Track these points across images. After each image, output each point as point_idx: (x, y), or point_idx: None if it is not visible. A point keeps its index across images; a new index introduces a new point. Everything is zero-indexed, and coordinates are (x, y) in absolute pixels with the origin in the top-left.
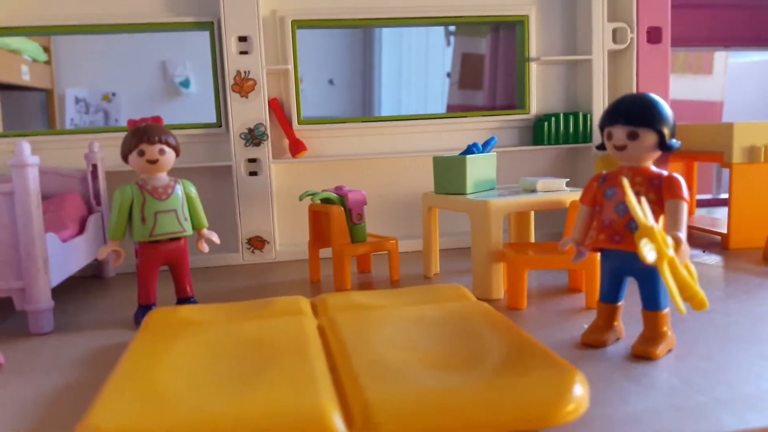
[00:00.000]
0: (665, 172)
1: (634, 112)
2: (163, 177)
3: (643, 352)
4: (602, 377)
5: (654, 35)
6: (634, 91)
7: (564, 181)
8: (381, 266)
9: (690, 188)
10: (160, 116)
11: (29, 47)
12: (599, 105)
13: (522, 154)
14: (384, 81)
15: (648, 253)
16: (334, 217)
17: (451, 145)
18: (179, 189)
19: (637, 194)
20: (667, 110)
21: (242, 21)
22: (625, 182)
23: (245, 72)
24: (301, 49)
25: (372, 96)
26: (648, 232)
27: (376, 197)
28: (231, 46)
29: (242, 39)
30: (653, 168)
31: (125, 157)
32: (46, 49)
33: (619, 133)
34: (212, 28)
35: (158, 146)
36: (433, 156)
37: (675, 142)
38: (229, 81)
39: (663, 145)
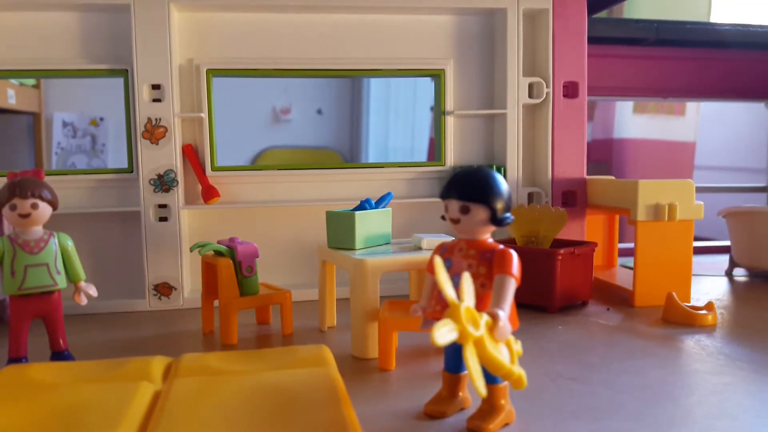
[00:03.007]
0: (500, 246)
1: (466, 188)
2: (36, 230)
3: (475, 427)
4: None
5: (570, 90)
6: (549, 144)
7: (450, 239)
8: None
9: (610, 243)
10: (42, 169)
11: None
12: (513, 158)
13: (436, 206)
14: (372, 115)
15: (441, 336)
16: (222, 270)
17: (369, 194)
18: (54, 242)
19: (469, 267)
20: (501, 186)
21: (155, 69)
22: (437, 260)
23: (156, 119)
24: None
25: (360, 129)
26: (453, 312)
27: (289, 243)
28: (143, 93)
29: (155, 87)
30: (489, 240)
31: None
32: None
33: (453, 206)
34: (126, 75)
35: (30, 200)
36: (326, 211)
37: (507, 216)
38: (140, 128)
39: (495, 220)
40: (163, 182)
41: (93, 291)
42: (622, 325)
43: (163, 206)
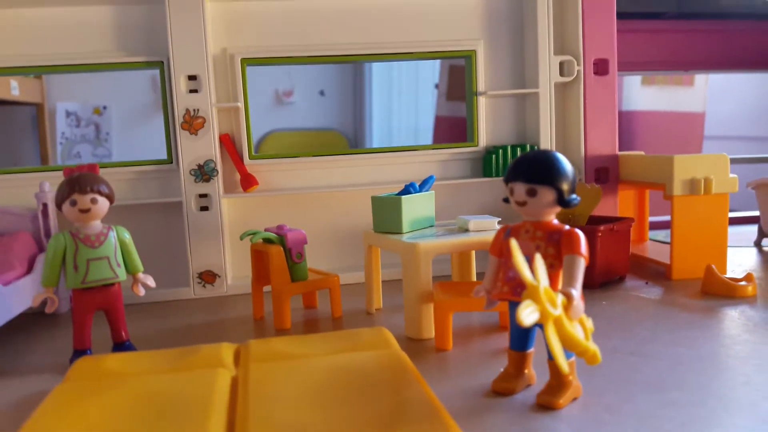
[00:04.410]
0: (566, 227)
1: (533, 171)
2: (96, 225)
3: (546, 402)
4: (500, 430)
5: (601, 67)
6: (582, 122)
7: (496, 220)
8: (328, 301)
9: (641, 217)
10: (96, 164)
11: None
12: (546, 137)
13: (471, 186)
14: (375, 93)
15: (526, 317)
16: (273, 258)
17: (403, 178)
18: (112, 236)
19: (537, 248)
20: (567, 167)
21: (191, 60)
22: (513, 243)
23: (194, 110)
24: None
25: (363, 108)
26: (532, 293)
27: (328, 229)
28: (180, 84)
29: (192, 78)
30: (555, 222)
31: (59, 206)
32: None
33: (520, 189)
34: (162, 66)
35: (90, 195)
36: (371, 195)
37: (574, 198)
38: (179, 119)
39: (562, 201)
40: (204, 172)
41: (151, 282)
42: (663, 299)
43: (203, 196)
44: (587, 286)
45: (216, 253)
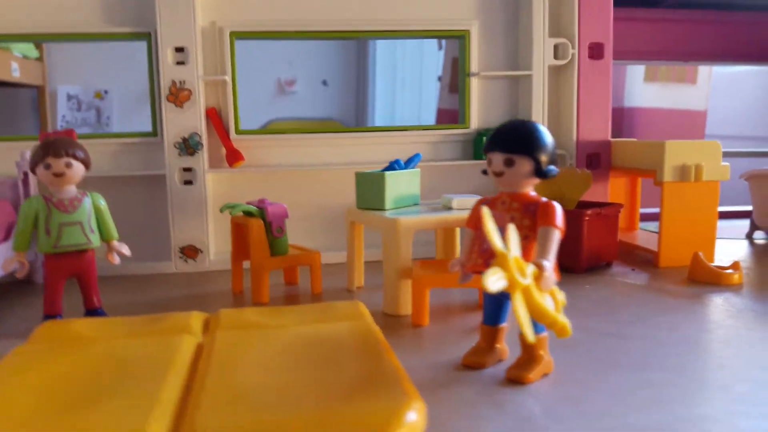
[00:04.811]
0: (544, 199)
1: (511, 140)
2: (70, 190)
3: (515, 376)
4: (466, 402)
5: (596, 51)
6: (575, 106)
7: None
8: (308, 278)
9: (632, 205)
10: (73, 129)
11: (20, 44)
12: (539, 120)
13: (462, 168)
14: (378, 85)
15: (492, 283)
16: (253, 231)
17: (392, 158)
18: (87, 201)
19: (512, 220)
20: (546, 138)
21: (179, 32)
22: (484, 210)
23: (180, 82)
24: (298, 51)
25: (366, 99)
26: (501, 260)
27: (315, 208)
28: (167, 56)
29: (179, 50)
30: (532, 194)
31: (33, 170)
32: (38, 46)
33: (497, 159)
34: (149, 38)
35: (65, 159)
36: (356, 171)
37: (552, 168)
38: (164, 91)
39: (539, 172)
40: (188, 146)
41: (126, 250)
42: (649, 285)
43: (188, 170)
44: (573, 271)
45: (199, 228)
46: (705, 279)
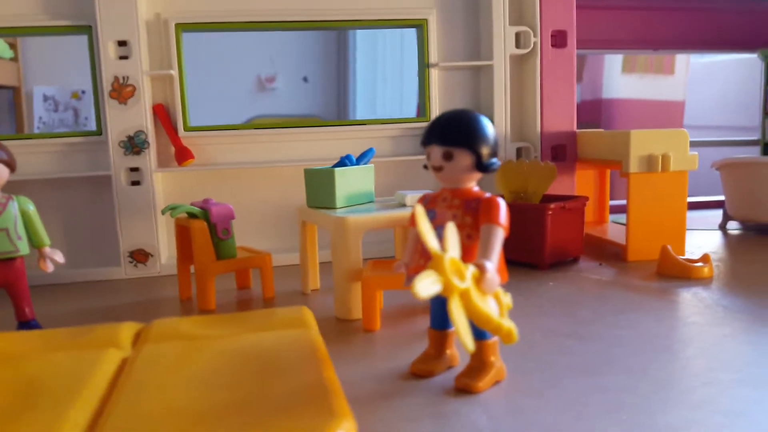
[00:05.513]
0: (487, 194)
1: (448, 133)
2: None
3: (464, 385)
4: (407, 416)
5: (559, 39)
6: (538, 97)
7: None
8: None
9: (601, 198)
10: None
11: None
12: (501, 111)
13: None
14: (359, 78)
15: (424, 288)
16: (196, 233)
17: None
18: (13, 206)
19: (454, 218)
20: (486, 129)
21: (120, 24)
22: (417, 209)
23: (124, 78)
24: (280, 44)
25: (347, 94)
26: (436, 263)
27: (269, 206)
28: (108, 50)
29: (121, 43)
30: (475, 189)
31: None
32: (12, 46)
33: (436, 153)
34: (90, 32)
35: None
36: (305, 168)
37: (494, 162)
38: (107, 87)
39: (480, 166)
40: (134, 144)
41: (59, 257)
42: (615, 280)
43: (134, 170)
44: (537, 267)
45: (148, 231)
46: (674, 273)
